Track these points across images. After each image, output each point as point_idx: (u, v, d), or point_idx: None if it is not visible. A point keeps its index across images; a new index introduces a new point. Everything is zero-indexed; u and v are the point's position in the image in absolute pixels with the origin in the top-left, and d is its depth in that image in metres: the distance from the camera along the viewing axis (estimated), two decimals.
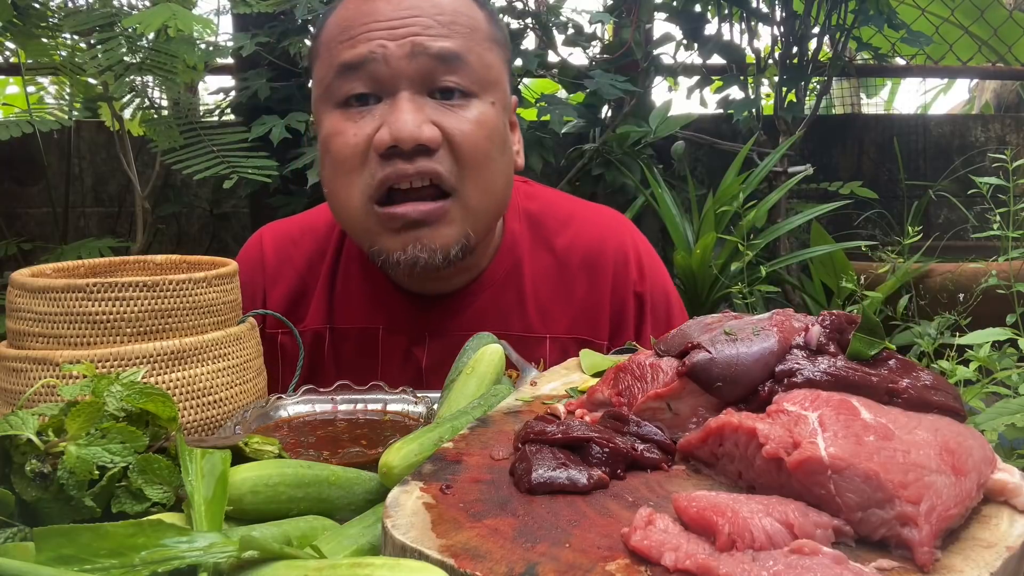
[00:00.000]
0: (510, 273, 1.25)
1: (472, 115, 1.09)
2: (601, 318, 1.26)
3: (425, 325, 1.24)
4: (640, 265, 1.29)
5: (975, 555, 0.55)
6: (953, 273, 2.39)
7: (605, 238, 1.29)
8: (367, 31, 1.08)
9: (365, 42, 1.07)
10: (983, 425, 0.82)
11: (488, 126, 1.11)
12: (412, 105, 1.06)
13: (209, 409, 0.93)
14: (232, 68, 2.97)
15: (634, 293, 1.28)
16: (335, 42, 1.11)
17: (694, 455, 0.70)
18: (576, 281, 1.26)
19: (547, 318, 1.25)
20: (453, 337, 1.18)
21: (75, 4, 2.65)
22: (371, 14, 1.09)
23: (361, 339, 1.24)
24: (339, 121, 1.10)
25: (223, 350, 0.95)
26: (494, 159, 1.12)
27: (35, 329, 0.89)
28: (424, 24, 1.08)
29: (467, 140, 1.08)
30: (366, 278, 1.26)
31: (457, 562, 0.54)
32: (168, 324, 0.91)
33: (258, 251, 1.31)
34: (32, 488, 0.67)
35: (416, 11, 1.09)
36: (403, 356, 1.24)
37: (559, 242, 1.27)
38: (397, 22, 1.08)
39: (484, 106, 1.11)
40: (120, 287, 0.89)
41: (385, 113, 1.07)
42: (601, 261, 1.27)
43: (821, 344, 0.74)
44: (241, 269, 1.31)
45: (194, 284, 0.93)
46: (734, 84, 2.99)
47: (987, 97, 4.53)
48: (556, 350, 1.22)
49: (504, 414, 0.82)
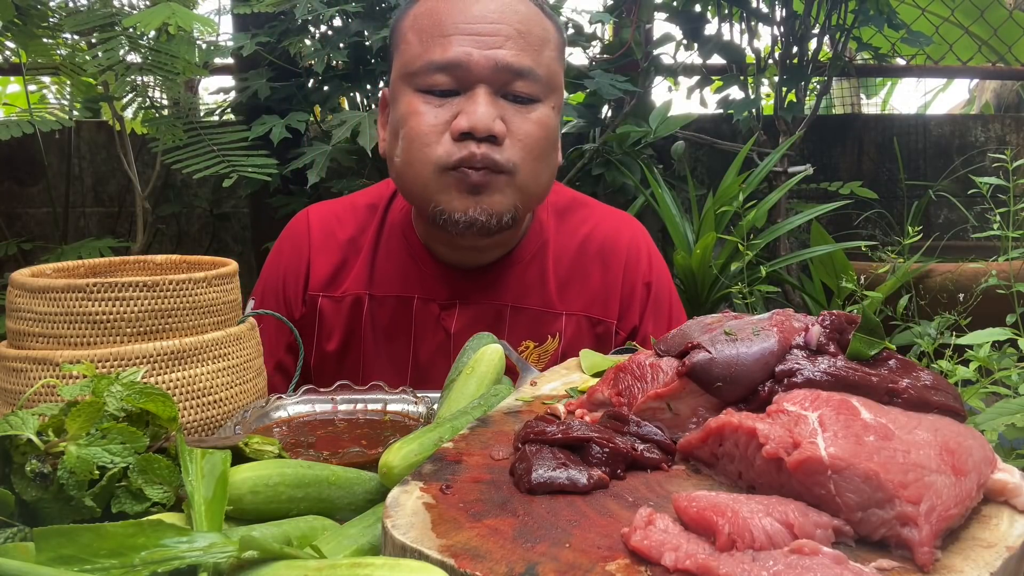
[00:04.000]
0: (536, 254, 1.40)
1: (535, 117, 1.26)
2: (612, 301, 1.40)
3: (456, 294, 1.37)
4: (650, 259, 1.45)
5: (975, 555, 0.55)
6: (953, 273, 2.39)
7: (620, 231, 1.45)
8: (457, 34, 1.22)
9: (455, 45, 1.22)
10: (983, 425, 0.82)
11: (547, 127, 1.27)
12: (488, 100, 1.22)
13: (209, 409, 0.93)
14: (232, 68, 2.97)
15: (643, 283, 1.42)
16: (425, 34, 1.24)
17: (694, 455, 0.70)
18: (592, 266, 1.41)
19: (565, 296, 1.39)
20: (481, 306, 1.36)
21: (76, 4, 2.65)
22: (463, 13, 1.24)
23: (397, 305, 1.38)
24: (420, 104, 1.24)
25: (223, 350, 0.95)
26: (547, 154, 1.28)
27: (35, 329, 0.89)
28: (507, 35, 1.23)
29: (528, 137, 1.24)
30: (405, 251, 1.39)
31: (457, 562, 0.54)
32: (168, 324, 0.91)
33: (304, 226, 1.44)
34: (32, 488, 0.67)
35: (502, 18, 1.24)
36: (434, 322, 1.37)
37: (580, 231, 1.43)
38: (484, 27, 1.23)
39: (546, 109, 1.28)
40: (120, 287, 0.89)
41: (463, 104, 1.22)
42: (616, 251, 1.43)
43: (821, 344, 0.74)
44: (287, 244, 1.45)
45: (194, 284, 0.93)
46: (734, 84, 2.99)
47: (987, 97, 4.53)
48: (571, 325, 1.38)
49: (504, 414, 0.82)
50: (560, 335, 1.36)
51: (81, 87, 2.77)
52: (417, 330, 1.37)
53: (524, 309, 1.36)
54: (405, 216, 1.40)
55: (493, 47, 1.22)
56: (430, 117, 1.22)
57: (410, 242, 1.39)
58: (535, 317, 1.36)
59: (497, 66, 1.21)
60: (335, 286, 1.39)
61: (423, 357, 1.37)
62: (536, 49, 1.25)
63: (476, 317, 1.35)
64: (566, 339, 1.36)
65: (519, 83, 1.23)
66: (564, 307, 1.38)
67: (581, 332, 1.37)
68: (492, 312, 1.36)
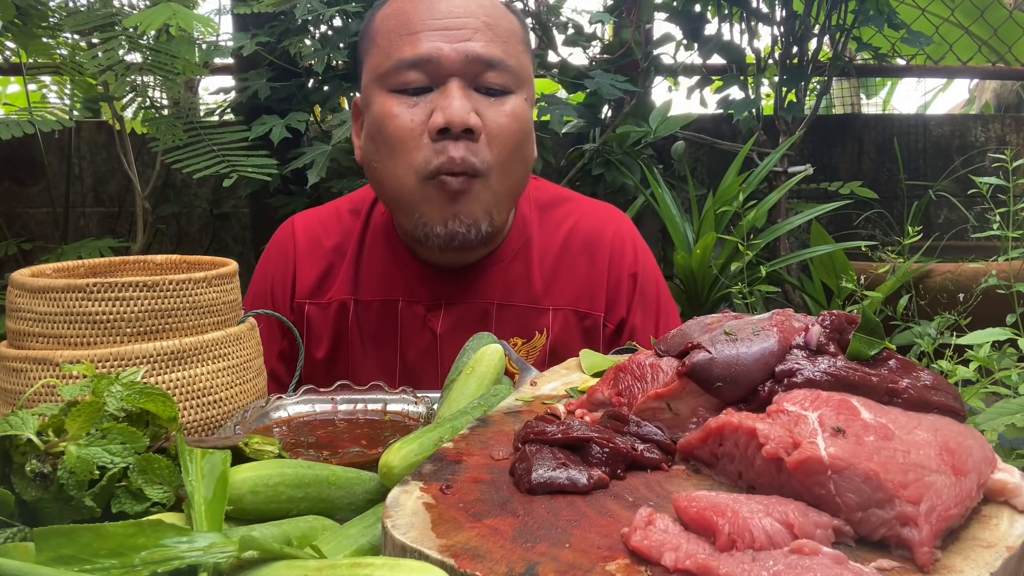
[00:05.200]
0: (520, 251, 1.39)
1: (508, 108, 1.26)
2: (598, 294, 1.40)
3: (441, 295, 1.37)
4: (635, 250, 1.45)
5: (975, 555, 0.55)
6: (953, 273, 2.39)
7: (604, 224, 1.44)
8: (425, 30, 1.23)
9: (424, 41, 1.22)
10: (983, 425, 0.82)
11: (520, 118, 1.27)
12: (462, 92, 1.22)
13: (209, 409, 0.93)
14: (232, 68, 2.96)
15: (629, 274, 1.42)
16: (394, 35, 1.25)
17: (694, 455, 0.70)
18: (577, 260, 1.41)
19: (550, 292, 1.39)
20: (466, 305, 1.36)
21: (76, 4, 2.65)
22: (429, 10, 1.24)
23: (382, 309, 1.38)
24: (394, 104, 1.24)
25: (223, 350, 0.95)
26: (520, 147, 1.28)
27: (35, 329, 0.89)
28: (475, 27, 1.24)
29: (503, 131, 1.24)
30: (388, 254, 1.40)
31: (457, 562, 0.54)
32: (168, 324, 0.91)
33: (290, 235, 1.45)
34: (32, 488, 0.67)
35: (468, 12, 1.24)
36: (420, 324, 1.37)
37: (564, 226, 1.43)
38: (452, 21, 1.23)
39: (518, 101, 1.27)
40: (120, 287, 0.89)
41: (436, 99, 1.22)
42: (600, 244, 1.42)
43: (821, 344, 0.74)
44: (274, 252, 1.46)
45: (194, 284, 0.93)
46: (734, 84, 2.98)
47: (987, 97, 4.53)
48: (558, 320, 1.37)
49: (504, 414, 0.82)
50: (547, 330, 1.36)
51: (81, 87, 2.77)
52: (404, 333, 1.37)
53: (510, 306, 1.36)
54: (387, 220, 1.41)
55: (462, 39, 1.22)
56: (405, 119, 1.22)
57: (393, 245, 1.39)
58: (521, 314, 1.36)
59: (468, 58, 1.21)
60: (321, 293, 1.40)
61: (411, 359, 1.37)
62: (504, 40, 1.26)
63: (462, 317, 1.35)
64: (553, 334, 1.36)
65: (491, 74, 1.23)
66: (550, 302, 1.38)
67: (569, 326, 1.37)
68: (478, 311, 1.36)
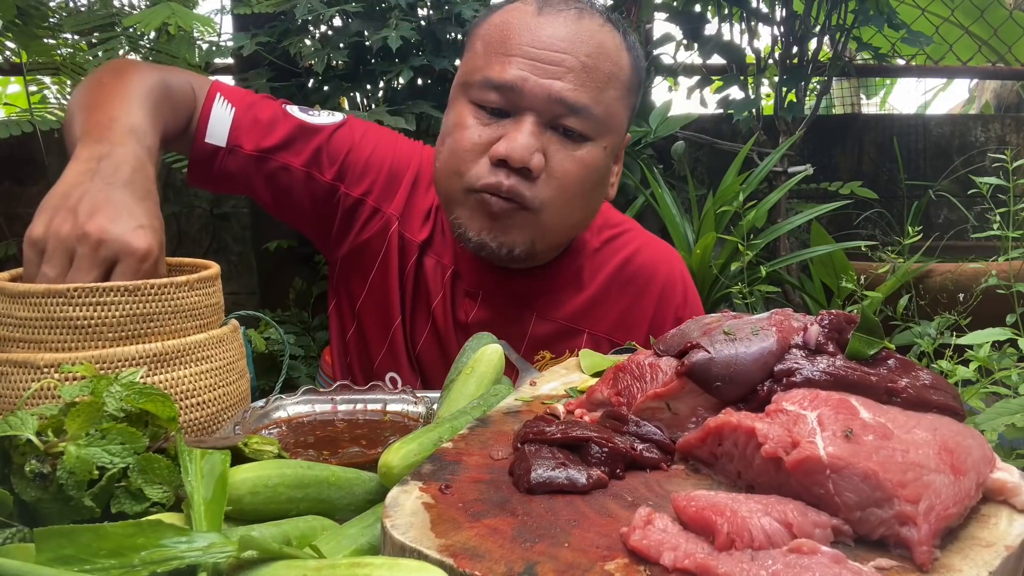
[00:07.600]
0: (571, 268, 1.38)
1: (580, 155, 1.21)
2: (638, 329, 1.37)
3: (482, 283, 1.35)
4: (685, 293, 1.43)
5: (974, 554, 0.55)
6: (953, 273, 2.39)
7: (659, 262, 1.42)
8: (519, 56, 1.18)
9: (514, 67, 1.18)
10: (983, 425, 0.82)
11: (590, 167, 1.22)
12: (532, 130, 1.18)
13: (192, 411, 0.93)
14: (232, 68, 2.97)
15: (675, 316, 1.39)
16: (491, 48, 1.21)
17: (693, 455, 0.70)
18: (625, 291, 1.39)
19: (590, 315, 1.37)
20: (505, 303, 1.34)
21: (76, 4, 2.65)
22: (531, 34, 1.19)
23: (437, 269, 1.37)
24: (469, 117, 1.22)
25: (205, 352, 0.94)
26: (584, 196, 1.24)
27: (16, 335, 0.89)
28: (570, 66, 1.18)
29: (567, 175, 1.20)
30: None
31: (456, 562, 0.54)
32: (150, 328, 0.90)
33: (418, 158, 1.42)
34: (32, 488, 0.67)
35: (570, 47, 1.18)
36: (461, 297, 1.36)
37: (619, 254, 1.41)
38: (548, 54, 1.18)
39: (595, 149, 1.22)
40: (101, 292, 0.88)
41: (508, 127, 1.19)
42: (653, 280, 1.40)
43: (820, 344, 0.74)
44: (405, 151, 1.41)
45: (176, 288, 0.92)
46: (734, 84, 2.99)
47: (987, 97, 4.53)
48: (591, 345, 1.33)
49: (504, 414, 0.82)
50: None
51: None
52: (442, 300, 1.36)
53: (548, 320, 1.35)
54: None
55: (551, 76, 1.17)
56: (474, 134, 1.20)
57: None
58: (557, 330, 1.35)
59: (550, 97, 1.17)
60: (407, 224, 1.37)
61: (429, 332, 1.36)
62: (598, 87, 1.20)
63: (497, 309, 1.34)
64: None
65: (571, 119, 1.19)
66: (588, 326, 1.36)
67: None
68: (515, 314, 1.35)
